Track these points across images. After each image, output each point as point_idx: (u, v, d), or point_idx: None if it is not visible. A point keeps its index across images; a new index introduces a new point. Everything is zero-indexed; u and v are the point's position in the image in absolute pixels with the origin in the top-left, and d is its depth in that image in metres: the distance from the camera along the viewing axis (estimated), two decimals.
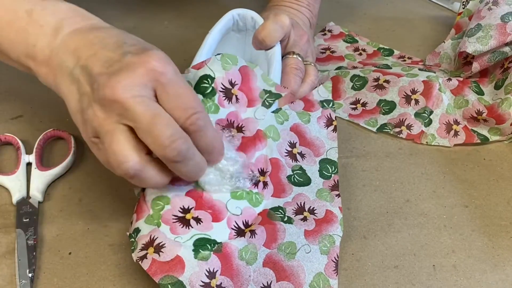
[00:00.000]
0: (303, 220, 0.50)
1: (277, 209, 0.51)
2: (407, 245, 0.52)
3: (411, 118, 0.65)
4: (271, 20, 0.62)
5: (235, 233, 0.47)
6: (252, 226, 0.48)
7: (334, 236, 0.50)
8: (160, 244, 0.44)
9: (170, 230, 0.45)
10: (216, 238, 0.46)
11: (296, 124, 0.58)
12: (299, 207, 0.52)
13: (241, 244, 0.46)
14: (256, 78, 0.54)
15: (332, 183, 0.55)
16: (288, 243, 0.48)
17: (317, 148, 0.58)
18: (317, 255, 0.48)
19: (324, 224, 0.50)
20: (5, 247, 0.49)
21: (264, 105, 0.54)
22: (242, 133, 0.52)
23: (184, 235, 0.45)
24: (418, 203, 0.57)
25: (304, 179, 0.54)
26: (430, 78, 0.66)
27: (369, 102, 0.67)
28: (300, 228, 0.49)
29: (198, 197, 0.48)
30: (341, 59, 0.77)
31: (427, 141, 0.64)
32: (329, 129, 0.60)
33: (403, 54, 0.79)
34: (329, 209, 0.52)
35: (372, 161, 0.61)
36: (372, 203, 0.56)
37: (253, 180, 0.50)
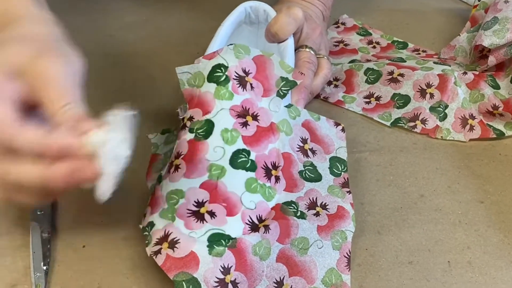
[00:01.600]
0: (315, 215, 0.50)
1: (290, 203, 0.50)
2: (422, 241, 0.52)
3: (426, 112, 0.64)
4: (284, 13, 0.62)
5: (249, 228, 0.47)
6: (265, 221, 0.48)
7: (346, 232, 0.49)
8: (174, 240, 0.44)
9: (184, 225, 0.45)
10: (231, 233, 0.46)
11: (307, 121, 0.58)
12: (312, 202, 0.51)
13: (255, 239, 0.46)
14: (273, 66, 0.53)
15: (342, 180, 0.55)
16: (301, 238, 0.48)
17: (327, 146, 0.58)
18: (329, 250, 0.48)
19: (337, 220, 0.50)
20: (20, 240, 0.49)
21: (279, 94, 0.53)
22: (257, 121, 0.51)
23: (198, 230, 0.45)
24: (432, 198, 0.56)
25: (315, 175, 0.54)
26: (446, 72, 0.65)
27: (383, 96, 0.67)
28: (313, 224, 0.49)
29: (212, 188, 0.47)
30: (354, 52, 0.77)
31: (442, 135, 0.63)
32: (337, 129, 0.60)
33: (418, 47, 0.78)
34: (340, 205, 0.52)
35: (386, 156, 0.61)
36: (386, 198, 0.56)
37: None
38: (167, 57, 0.72)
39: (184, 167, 0.49)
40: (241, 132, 0.50)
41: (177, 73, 0.52)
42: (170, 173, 0.49)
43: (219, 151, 0.49)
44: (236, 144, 0.49)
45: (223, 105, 0.50)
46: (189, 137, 0.50)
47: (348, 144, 0.60)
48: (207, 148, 0.49)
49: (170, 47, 0.75)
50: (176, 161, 0.49)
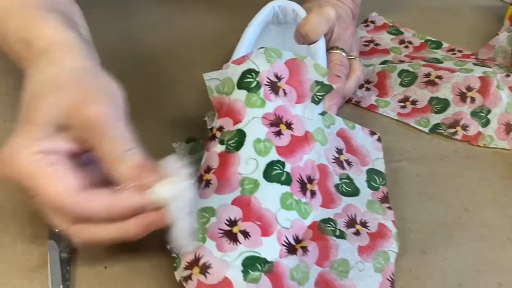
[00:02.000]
0: (355, 234, 0.46)
1: (327, 221, 0.47)
2: (470, 260, 0.48)
3: (467, 117, 0.60)
4: (316, 12, 0.58)
5: (286, 250, 0.43)
6: (303, 242, 0.44)
7: (389, 252, 0.46)
8: (206, 264, 0.40)
9: (216, 246, 0.42)
10: (266, 256, 0.42)
11: (342, 129, 0.54)
12: (350, 219, 0.47)
13: (292, 263, 0.42)
14: (307, 69, 0.49)
15: (381, 194, 0.51)
16: (341, 260, 0.44)
17: (363, 157, 0.54)
18: (371, 273, 0.44)
19: (379, 239, 0.46)
20: (36, 260, 0.46)
21: (313, 100, 0.50)
22: (291, 130, 0.48)
23: (231, 252, 0.41)
24: (478, 212, 0.52)
25: (352, 189, 0.50)
26: (487, 74, 0.61)
27: (420, 100, 0.63)
28: (354, 244, 0.45)
29: (245, 205, 0.44)
30: (386, 53, 0.73)
31: (484, 143, 0.59)
32: (373, 138, 0.56)
33: (453, 47, 0.74)
34: (381, 222, 0.48)
35: (426, 166, 0.57)
36: (428, 212, 0.52)
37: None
38: (190, 59, 0.68)
39: (216, 182, 0.45)
40: (274, 142, 0.46)
41: (205, 80, 0.49)
42: (200, 188, 0.46)
43: (251, 163, 0.45)
44: (270, 155, 0.46)
45: (254, 113, 0.47)
46: (220, 150, 0.46)
47: (384, 153, 0.56)
48: (239, 161, 0.45)
49: (193, 49, 0.71)
50: (207, 176, 0.46)
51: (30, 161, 0.38)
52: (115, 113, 0.41)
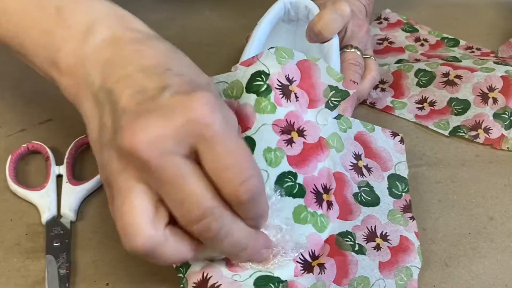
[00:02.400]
0: (376, 248, 0.43)
1: (346, 234, 0.43)
2: (497, 274, 0.45)
3: (489, 119, 0.57)
4: (330, 9, 0.55)
5: (302, 268, 0.40)
6: (320, 259, 0.41)
7: (411, 268, 0.43)
8: (216, 285, 0.37)
9: (226, 265, 0.38)
10: (280, 275, 0.39)
11: (360, 133, 0.51)
12: (370, 232, 0.44)
13: (309, 282, 0.39)
14: (320, 72, 0.46)
15: (403, 203, 0.48)
16: (360, 278, 0.41)
17: (385, 162, 0.50)
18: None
19: (401, 254, 0.43)
20: (33, 277, 0.43)
21: (328, 106, 0.46)
22: (304, 137, 0.44)
23: (242, 272, 0.38)
24: (504, 221, 0.49)
25: (372, 198, 0.47)
26: (510, 73, 0.58)
27: (438, 101, 0.59)
28: (374, 260, 0.42)
29: None
30: (401, 51, 0.69)
31: (508, 146, 0.56)
32: (395, 140, 0.52)
33: (471, 45, 0.71)
34: (403, 235, 0.45)
35: (446, 171, 0.53)
36: (451, 222, 0.49)
37: (298, 251, 0.41)
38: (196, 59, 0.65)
39: None
40: (286, 152, 0.43)
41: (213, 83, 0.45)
42: None
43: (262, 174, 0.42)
44: (281, 166, 0.43)
45: (264, 120, 0.43)
46: None
47: None
48: None
49: (199, 48, 0.68)
50: None
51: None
52: (231, 135, 0.33)
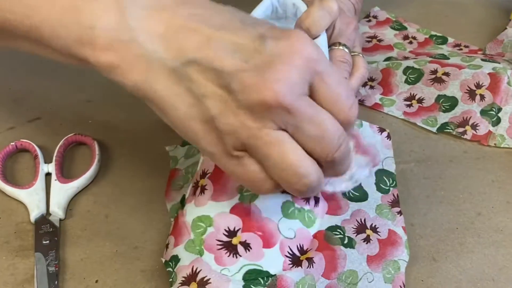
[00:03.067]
0: (365, 241, 0.43)
1: (335, 228, 0.44)
2: (484, 268, 0.45)
3: (477, 116, 0.57)
4: (317, 6, 0.55)
5: (290, 262, 0.40)
6: (308, 253, 0.41)
7: (399, 262, 0.43)
8: (205, 279, 0.37)
9: (214, 259, 0.39)
10: (269, 269, 0.39)
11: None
12: (360, 225, 0.45)
13: (297, 275, 0.39)
14: None
15: (391, 198, 0.48)
16: (349, 272, 0.41)
17: (373, 157, 0.51)
18: (380, 284, 0.41)
19: (389, 247, 0.43)
20: (22, 274, 0.43)
21: None
22: None
23: (231, 266, 0.38)
24: (491, 216, 0.49)
25: (360, 194, 0.47)
26: (497, 70, 0.58)
27: (426, 98, 0.60)
28: (363, 254, 0.43)
29: (245, 214, 0.41)
30: (390, 49, 0.70)
31: (495, 142, 0.56)
32: (382, 136, 0.53)
33: (459, 42, 0.71)
34: (391, 228, 0.45)
35: (434, 167, 0.54)
36: (439, 217, 0.49)
37: (369, 166, 0.42)
38: None
39: (211, 188, 0.42)
40: None
41: None
42: (195, 195, 0.43)
43: None
44: None
45: None
46: None
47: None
48: None
49: None
50: (202, 181, 0.43)
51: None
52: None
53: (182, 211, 0.43)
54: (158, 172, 0.51)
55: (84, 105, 0.58)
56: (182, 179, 0.50)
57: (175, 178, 0.50)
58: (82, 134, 0.53)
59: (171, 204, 0.48)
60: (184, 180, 0.49)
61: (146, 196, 0.49)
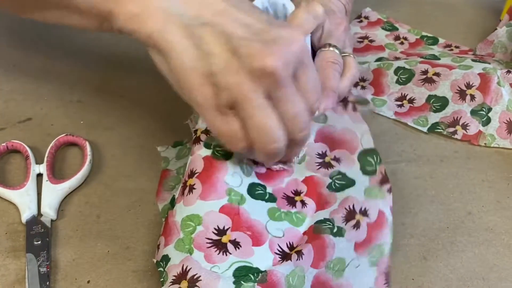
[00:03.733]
0: (355, 227, 0.43)
1: (324, 221, 0.44)
2: (474, 267, 0.45)
3: (467, 116, 0.57)
4: (302, 9, 0.55)
5: (280, 258, 0.40)
6: (298, 247, 0.42)
7: (383, 245, 0.43)
8: (195, 277, 0.38)
9: (204, 257, 0.39)
10: (259, 265, 0.39)
11: (320, 130, 0.50)
12: (349, 211, 0.44)
13: (287, 269, 0.40)
14: None
15: (379, 177, 0.46)
16: (337, 259, 0.42)
17: (351, 142, 0.49)
18: (365, 268, 0.42)
19: (375, 232, 0.43)
20: (14, 275, 0.43)
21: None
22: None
23: (221, 263, 0.39)
24: (481, 216, 0.50)
25: (346, 181, 0.47)
26: (487, 71, 0.59)
27: (417, 98, 0.60)
28: (351, 241, 0.43)
29: (234, 214, 0.41)
30: (381, 49, 0.70)
31: (485, 142, 0.57)
32: (348, 109, 0.52)
33: (450, 43, 0.71)
34: (381, 209, 0.44)
35: (425, 167, 0.54)
36: (429, 216, 0.49)
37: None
38: None
39: (200, 187, 0.42)
40: (254, 168, 0.45)
41: None
42: (184, 195, 0.43)
43: (237, 177, 0.43)
44: (251, 177, 0.45)
45: None
46: (204, 153, 0.44)
47: (382, 154, 0.53)
48: (226, 170, 0.43)
49: None
50: (190, 181, 0.43)
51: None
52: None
53: (172, 211, 0.43)
54: (149, 173, 0.51)
55: (75, 106, 0.58)
56: (174, 179, 0.50)
57: (166, 179, 0.50)
58: (73, 135, 0.53)
59: (163, 204, 0.48)
60: (176, 180, 0.49)
61: (137, 197, 0.49)
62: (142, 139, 0.54)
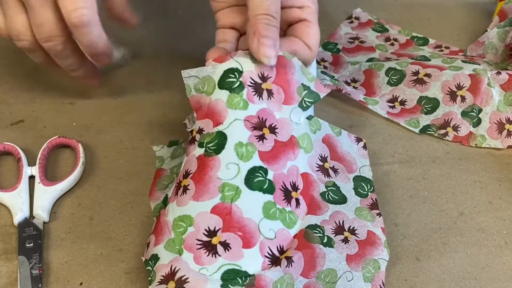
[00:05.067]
0: (344, 241, 0.44)
1: (315, 227, 0.44)
2: (466, 267, 0.45)
3: (458, 117, 0.58)
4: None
5: (269, 262, 0.40)
6: (287, 252, 0.41)
7: (379, 261, 0.43)
8: (183, 278, 0.38)
9: (193, 259, 0.39)
10: (248, 269, 0.39)
11: (328, 135, 0.51)
12: (338, 226, 0.45)
13: (276, 275, 0.40)
14: (294, 69, 0.47)
15: (370, 201, 0.49)
16: (328, 270, 0.42)
17: (349, 164, 0.51)
18: (360, 283, 0.42)
19: (368, 247, 0.44)
20: (5, 278, 0.42)
21: (301, 106, 0.47)
22: (275, 135, 0.45)
23: (210, 265, 0.39)
24: (473, 216, 0.50)
25: (339, 197, 0.48)
26: (477, 72, 0.59)
27: (409, 100, 0.60)
28: (342, 253, 0.43)
29: (226, 214, 0.41)
30: (372, 50, 0.70)
31: (476, 143, 0.57)
32: (359, 146, 0.54)
33: (440, 43, 0.72)
34: (370, 230, 0.45)
35: (418, 168, 0.54)
36: (422, 217, 0.49)
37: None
38: (170, 60, 0.65)
39: (193, 187, 0.42)
40: (257, 147, 0.44)
41: (183, 77, 0.45)
42: (177, 195, 0.43)
43: (232, 168, 0.42)
44: (252, 161, 0.43)
45: (236, 115, 0.44)
46: (198, 153, 0.44)
47: (374, 155, 0.55)
48: (218, 165, 0.42)
49: (172, 49, 0.68)
50: (185, 181, 0.43)
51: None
52: None
53: (164, 210, 0.43)
54: (142, 175, 0.51)
55: (67, 108, 0.57)
56: (167, 179, 0.50)
57: (160, 178, 0.50)
58: (66, 137, 0.53)
59: (155, 203, 0.48)
60: (169, 180, 0.49)
61: (130, 199, 0.49)
62: (134, 141, 0.54)
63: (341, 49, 0.70)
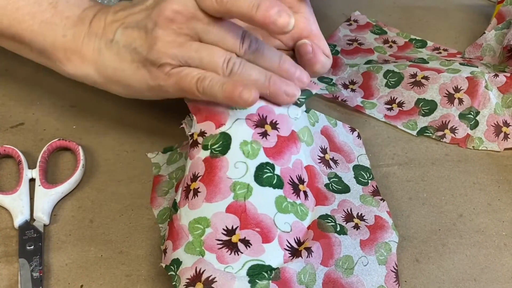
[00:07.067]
0: (355, 228, 0.45)
1: (326, 217, 0.45)
2: (466, 269, 0.46)
3: (455, 120, 0.58)
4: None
5: (290, 254, 0.41)
6: (306, 243, 0.42)
7: (390, 243, 0.45)
8: (210, 278, 0.38)
9: (217, 258, 0.39)
10: (271, 263, 0.40)
11: (325, 127, 0.52)
12: (347, 214, 0.46)
13: (298, 266, 0.40)
14: None
15: (371, 189, 0.50)
16: (345, 257, 0.43)
17: (348, 154, 0.53)
18: (375, 266, 0.43)
19: (378, 231, 0.45)
20: (6, 281, 0.42)
21: (295, 103, 0.47)
22: (277, 130, 0.45)
23: (234, 263, 0.39)
24: (472, 218, 0.50)
25: (342, 187, 0.49)
26: (475, 74, 0.59)
27: (406, 102, 0.61)
28: (355, 239, 0.44)
29: (241, 212, 0.41)
30: (370, 52, 0.70)
31: (473, 145, 0.57)
32: (354, 135, 0.55)
33: (438, 46, 0.72)
34: (377, 214, 0.47)
35: (417, 170, 0.54)
36: (421, 219, 0.50)
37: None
38: None
39: (204, 190, 0.42)
40: (262, 144, 0.44)
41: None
42: (188, 199, 0.43)
43: (241, 166, 0.43)
44: (259, 158, 0.44)
45: (237, 115, 0.44)
46: (204, 155, 0.44)
47: (374, 157, 0.55)
48: (227, 165, 0.43)
49: None
50: (194, 184, 0.43)
51: None
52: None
53: (176, 215, 0.43)
54: (142, 178, 0.51)
55: (68, 110, 0.58)
56: (167, 184, 0.50)
57: (159, 184, 0.50)
58: (66, 139, 0.53)
59: (158, 210, 0.48)
60: (169, 185, 0.49)
61: (130, 201, 0.49)
62: (135, 144, 0.54)
63: (340, 51, 0.70)
